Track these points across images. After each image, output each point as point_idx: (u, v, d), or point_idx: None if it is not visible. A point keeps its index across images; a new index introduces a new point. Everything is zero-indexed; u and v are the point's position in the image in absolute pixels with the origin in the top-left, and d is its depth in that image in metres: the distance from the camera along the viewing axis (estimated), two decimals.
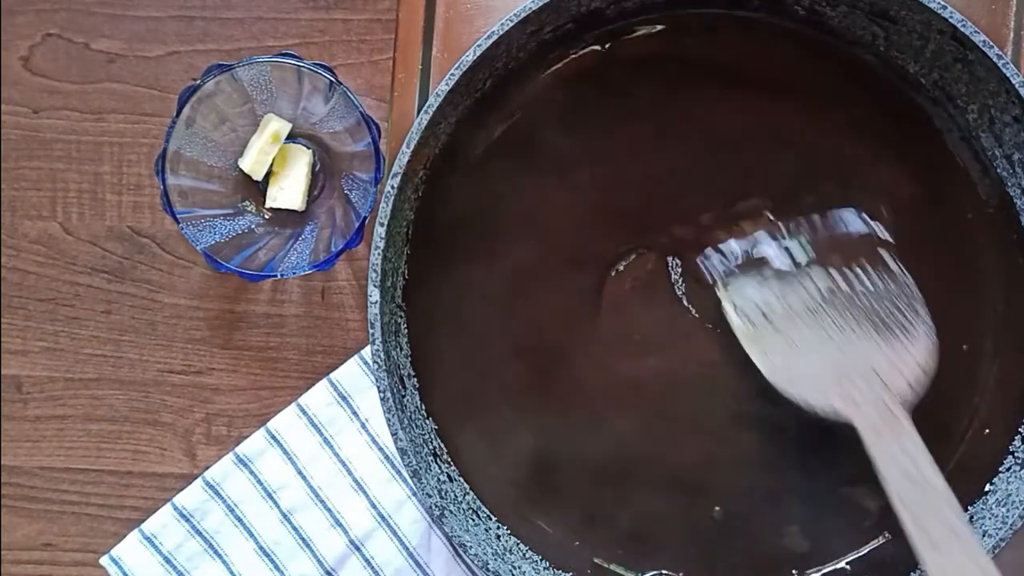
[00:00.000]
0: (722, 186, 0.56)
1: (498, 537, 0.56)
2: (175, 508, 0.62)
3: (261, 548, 0.62)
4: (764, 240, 0.56)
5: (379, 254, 0.52)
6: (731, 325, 0.55)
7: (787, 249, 0.56)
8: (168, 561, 0.62)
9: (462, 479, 0.56)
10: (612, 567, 0.56)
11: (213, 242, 0.59)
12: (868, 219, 0.56)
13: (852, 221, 0.56)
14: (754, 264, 0.56)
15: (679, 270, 0.57)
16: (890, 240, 0.55)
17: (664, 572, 0.56)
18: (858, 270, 0.55)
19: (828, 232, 0.56)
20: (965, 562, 0.48)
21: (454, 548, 0.62)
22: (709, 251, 0.56)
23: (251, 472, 0.62)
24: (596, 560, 0.57)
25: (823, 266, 0.55)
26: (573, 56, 0.56)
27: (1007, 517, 0.53)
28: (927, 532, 0.49)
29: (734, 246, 0.56)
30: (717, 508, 0.56)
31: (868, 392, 0.52)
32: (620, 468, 0.56)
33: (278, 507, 0.62)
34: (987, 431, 0.56)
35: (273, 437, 0.62)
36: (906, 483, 0.50)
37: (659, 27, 0.56)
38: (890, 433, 0.51)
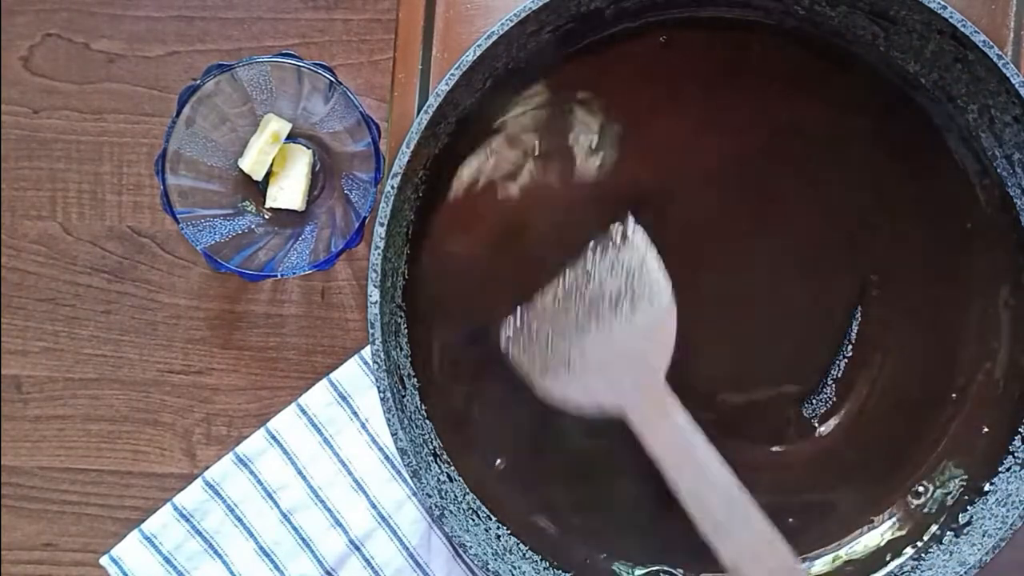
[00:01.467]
0: (719, 187, 0.57)
1: (498, 537, 0.56)
2: (175, 508, 0.62)
3: (261, 548, 0.62)
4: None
5: (379, 254, 0.52)
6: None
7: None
8: (168, 561, 0.62)
9: (462, 479, 0.56)
10: (612, 566, 0.56)
11: (213, 242, 0.59)
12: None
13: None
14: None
15: None
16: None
17: (665, 568, 0.56)
18: (589, 254, 0.53)
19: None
20: (754, 541, 0.47)
21: (454, 548, 0.62)
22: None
23: (251, 472, 0.62)
24: (596, 559, 0.57)
25: (562, 278, 0.54)
26: (573, 57, 0.56)
27: (1007, 517, 0.53)
28: (711, 513, 0.48)
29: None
30: None
31: (627, 373, 0.51)
32: (620, 465, 0.56)
33: (278, 507, 0.62)
34: (987, 431, 0.56)
35: (273, 437, 0.62)
36: (682, 463, 0.49)
37: (658, 28, 0.56)
38: (658, 412, 0.50)
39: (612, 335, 0.52)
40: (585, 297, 0.53)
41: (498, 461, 0.56)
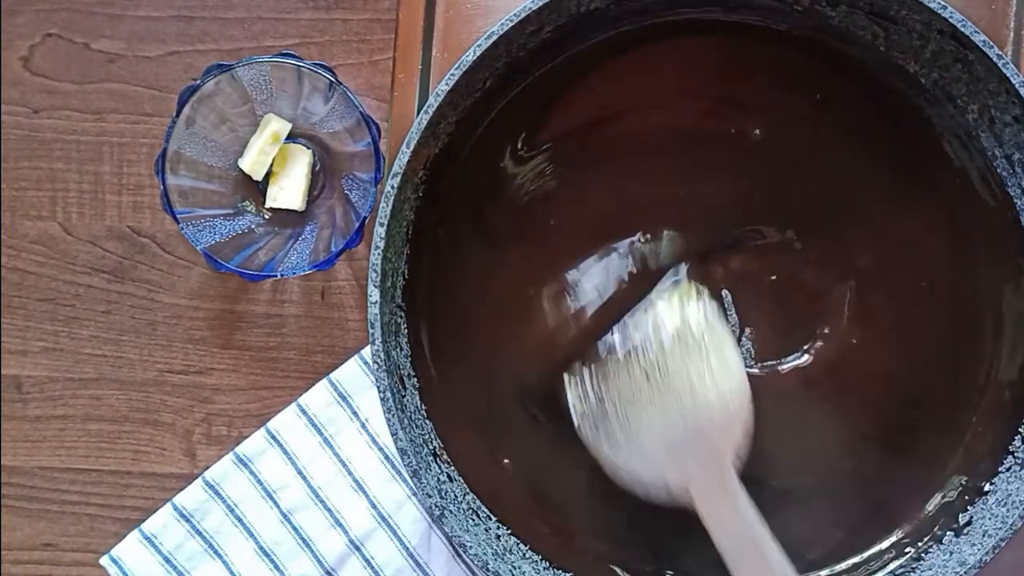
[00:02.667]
0: (717, 188, 0.57)
1: (498, 537, 0.56)
2: (175, 508, 0.62)
3: (261, 548, 0.62)
4: (616, 329, 0.54)
5: (379, 254, 0.52)
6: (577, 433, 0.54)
7: (623, 334, 0.54)
8: (168, 561, 0.62)
9: (462, 479, 0.56)
10: (612, 566, 0.56)
11: (213, 242, 0.59)
12: (683, 272, 0.54)
13: (666, 282, 0.55)
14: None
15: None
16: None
17: (665, 571, 0.56)
18: (663, 334, 0.52)
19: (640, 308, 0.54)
20: None
21: (454, 548, 0.62)
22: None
23: (251, 472, 0.62)
24: (596, 559, 0.57)
25: (634, 345, 0.53)
26: (573, 57, 0.56)
27: (1007, 517, 0.53)
28: None
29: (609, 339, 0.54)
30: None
31: (697, 457, 0.50)
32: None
33: (278, 507, 0.62)
34: (987, 431, 0.56)
35: (273, 437, 0.62)
36: (743, 552, 0.48)
37: (658, 28, 0.56)
38: (721, 497, 0.49)
39: (682, 413, 0.51)
40: (654, 367, 0.52)
41: (505, 460, 0.56)
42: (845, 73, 0.56)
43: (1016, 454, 0.55)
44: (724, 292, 0.57)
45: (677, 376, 0.51)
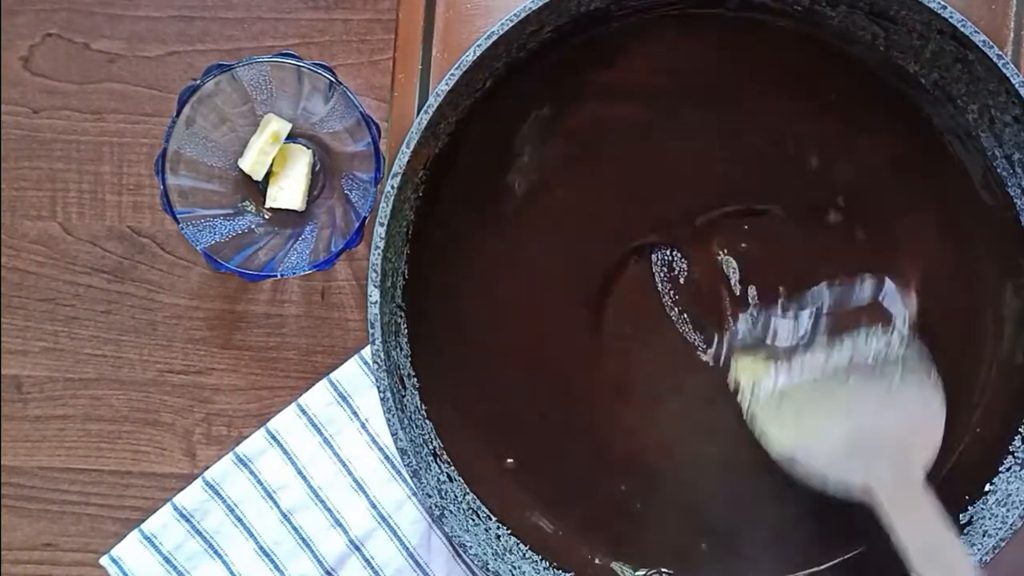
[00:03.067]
0: (715, 190, 0.57)
1: (498, 537, 0.56)
2: (175, 508, 0.62)
3: (261, 548, 0.62)
4: (775, 314, 0.55)
5: (379, 254, 0.52)
6: (742, 405, 0.54)
7: (796, 321, 0.55)
8: (168, 561, 0.62)
9: (462, 479, 0.56)
10: (612, 566, 0.56)
11: (213, 242, 0.59)
12: (892, 289, 0.55)
13: (867, 289, 0.55)
14: (764, 340, 0.55)
15: (684, 273, 0.57)
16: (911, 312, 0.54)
17: (664, 571, 0.56)
18: (867, 335, 0.54)
19: (839, 301, 0.55)
20: None
21: (454, 548, 0.62)
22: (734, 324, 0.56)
23: (251, 472, 0.62)
24: (596, 559, 0.57)
25: (832, 335, 0.54)
26: (573, 56, 0.56)
27: (1007, 517, 0.53)
28: None
29: (745, 322, 0.55)
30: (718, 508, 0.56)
31: (887, 464, 0.51)
32: (620, 466, 0.56)
33: (278, 507, 0.62)
34: (987, 431, 0.56)
35: (273, 437, 0.62)
36: (928, 560, 0.49)
37: (658, 28, 0.56)
38: (911, 506, 0.50)
39: (880, 418, 0.52)
40: (854, 371, 0.53)
41: (509, 460, 0.56)
42: (845, 73, 0.56)
43: (1016, 454, 0.55)
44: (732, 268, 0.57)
45: (878, 378, 0.52)
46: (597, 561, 0.56)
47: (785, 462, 0.53)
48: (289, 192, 0.61)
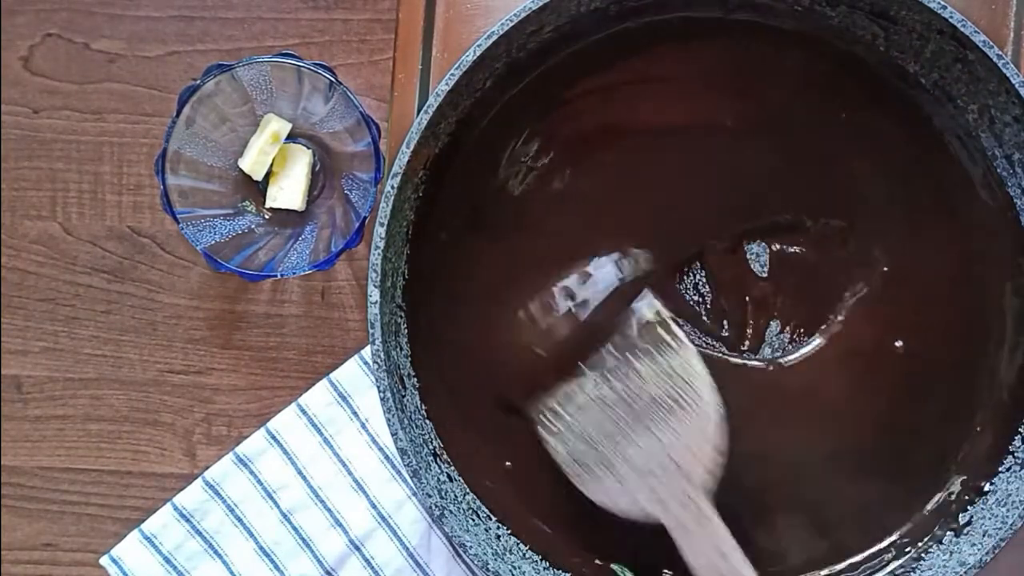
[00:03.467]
0: (715, 189, 0.57)
1: (498, 537, 0.56)
2: (175, 508, 0.62)
3: (261, 548, 0.62)
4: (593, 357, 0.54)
5: (379, 254, 0.52)
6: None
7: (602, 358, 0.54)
8: (168, 561, 0.62)
9: (462, 479, 0.56)
10: (612, 566, 0.56)
11: (213, 242, 0.59)
12: (650, 300, 0.53)
13: (637, 311, 0.54)
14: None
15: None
16: (667, 315, 0.53)
17: (665, 571, 0.56)
18: (632, 359, 0.53)
19: (616, 333, 0.54)
20: None
21: (454, 548, 0.62)
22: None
23: (251, 472, 0.62)
24: (596, 559, 0.57)
25: (601, 369, 0.53)
26: (573, 56, 0.56)
27: (1007, 517, 0.53)
28: None
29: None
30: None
31: (670, 486, 0.51)
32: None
33: (278, 507, 0.62)
34: (987, 431, 0.56)
35: (273, 437, 0.62)
36: None
37: (658, 28, 0.56)
38: (698, 529, 0.50)
39: (655, 442, 0.52)
40: (627, 396, 0.52)
41: (498, 461, 0.56)
42: (845, 73, 0.56)
43: (1016, 454, 0.55)
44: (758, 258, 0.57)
45: (650, 403, 0.52)
46: (597, 561, 0.56)
47: (604, 508, 0.53)
48: (289, 192, 0.61)
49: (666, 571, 0.56)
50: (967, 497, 0.55)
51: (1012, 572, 0.58)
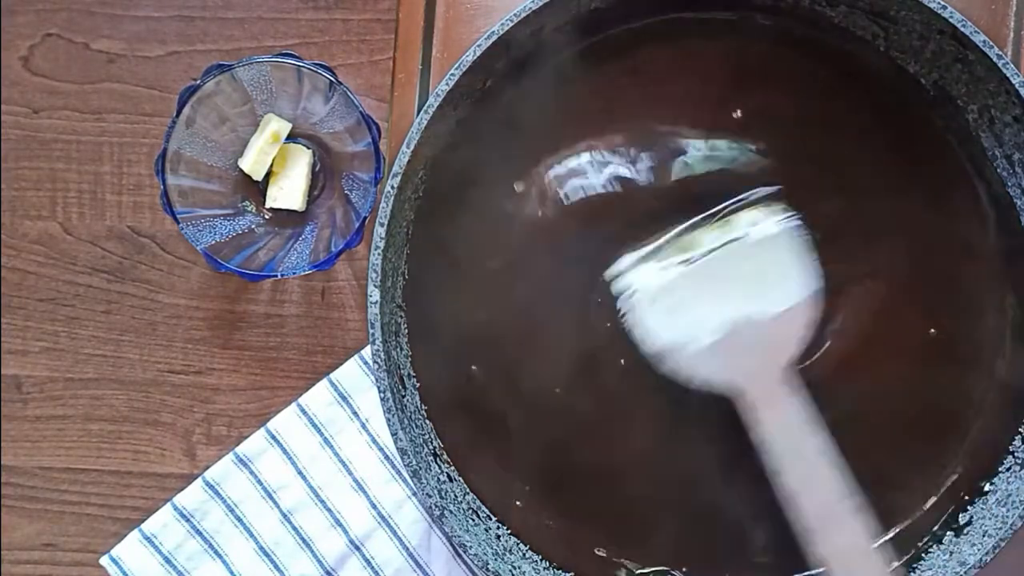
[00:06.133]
0: (715, 189, 0.57)
1: (498, 537, 0.56)
2: (175, 508, 0.62)
3: (261, 548, 0.62)
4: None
5: (379, 254, 0.52)
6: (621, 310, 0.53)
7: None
8: (168, 561, 0.62)
9: (462, 479, 0.56)
10: (612, 566, 0.56)
11: (213, 242, 0.59)
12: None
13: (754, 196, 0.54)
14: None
15: None
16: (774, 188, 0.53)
17: (665, 569, 0.56)
18: (740, 222, 0.53)
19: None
20: (850, 548, 0.47)
21: (454, 548, 0.62)
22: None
23: (251, 472, 0.62)
24: (596, 559, 0.57)
25: (704, 223, 0.53)
26: (573, 57, 0.56)
27: (1007, 517, 0.53)
28: (814, 510, 0.48)
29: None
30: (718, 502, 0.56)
31: (750, 359, 0.50)
32: (621, 465, 0.56)
33: (278, 507, 0.62)
34: (987, 431, 0.56)
35: (273, 437, 0.62)
36: (793, 455, 0.48)
37: (658, 27, 0.56)
38: (772, 404, 0.49)
39: (746, 314, 0.51)
40: (726, 267, 0.51)
41: (498, 460, 0.56)
42: (845, 72, 0.56)
43: (1016, 454, 0.55)
44: None
45: (749, 278, 0.51)
46: (597, 560, 0.56)
47: (654, 358, 0.52)
48: (289, 192, 0.61)
49: (667, 570, 0.56)
50: (967, 497, 0.55)
51: (1012, 572, 0.58)
